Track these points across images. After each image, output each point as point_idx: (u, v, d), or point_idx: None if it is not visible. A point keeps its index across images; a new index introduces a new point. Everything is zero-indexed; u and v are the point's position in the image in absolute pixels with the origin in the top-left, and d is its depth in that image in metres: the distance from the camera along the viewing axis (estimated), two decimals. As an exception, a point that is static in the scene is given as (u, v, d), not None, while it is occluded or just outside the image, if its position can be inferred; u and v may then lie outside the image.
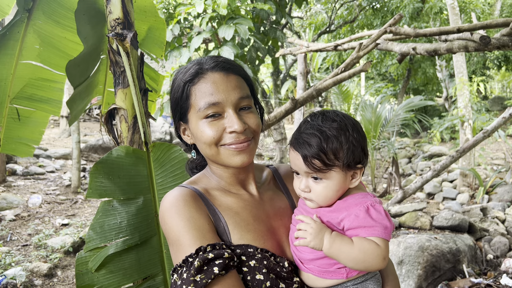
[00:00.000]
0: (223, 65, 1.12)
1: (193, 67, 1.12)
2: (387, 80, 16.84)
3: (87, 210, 6.65)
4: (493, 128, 4.59)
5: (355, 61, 3.96)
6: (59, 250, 4.87)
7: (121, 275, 1.77)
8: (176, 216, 1.05)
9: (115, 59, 1.84)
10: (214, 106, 1.07)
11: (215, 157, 1.12)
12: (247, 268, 1.02)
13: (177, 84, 1.14)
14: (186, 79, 1.11)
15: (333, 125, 1.05)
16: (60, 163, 9.50)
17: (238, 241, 1.07)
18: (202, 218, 1.06)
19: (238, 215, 1.11)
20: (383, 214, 1.04)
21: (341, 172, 1.06)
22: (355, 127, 1.08)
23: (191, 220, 1.04)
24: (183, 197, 1.09)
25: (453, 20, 7.53)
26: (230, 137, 1.08)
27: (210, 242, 1.01)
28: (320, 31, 12.10)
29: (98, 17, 2.43)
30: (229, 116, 1.08)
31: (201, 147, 1.14)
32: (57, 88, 2.89)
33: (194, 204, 1.08)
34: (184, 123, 1.17)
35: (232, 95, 1.09)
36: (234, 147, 1.09)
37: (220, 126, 1.08)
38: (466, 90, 7.64)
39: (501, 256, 4.42)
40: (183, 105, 1.12)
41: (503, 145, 10.64)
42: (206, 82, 1.09)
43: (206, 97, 1.07)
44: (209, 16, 6.12)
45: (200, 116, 1.09)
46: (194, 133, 1.12)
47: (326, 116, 1.08)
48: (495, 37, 2.88)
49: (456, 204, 6.69)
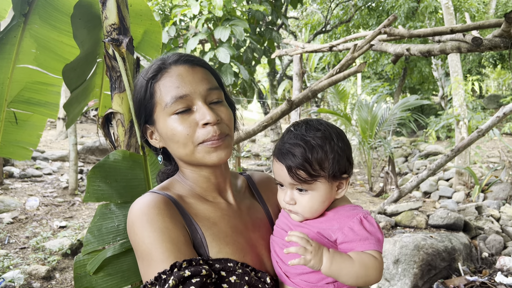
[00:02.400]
0: (187, 57, 1.05)
1: (155, 63, 1.06)
2: (383, 79, 16.89)
3: (85, 212, 6.66)
4: (488, 127, 4.64)
5: (350, 62, 3.99)
6: (57, 252, 4.89)
7: (119, 278, 1.79)
8: (148, 226, 0.93)
9: (111, 64, 1.86)
10: (182, 100, 0.99)
11: (190, 157, 1.02)
12: (227, 285, 0.94)
13: (139, 84, 1.06)
14: (148, 76, 1.03)
15: (317, 134, 1.01)
16: (57, 165, 9.50)
17: (217, 254, 0.98)
18: (177, 229, 0.95)
19: (216, 226, 1.02)
20: (375, 226, 1.02)
21: (327, 183, 1.02)
22: (340, 136, 1.04)
23: (165, 231, 0.93)
24: (156, 204, 0.97)
25: (448, 19, 7.57)
26: (204, 132, 0.99)
27: (186, 256, 0.92)
28: (316, 31, 12.14)
29: (94, 21, 2.45)
30: (199, 109, 1.00)
31: (173, 148, 1.04)
32: (54, 92, 2.91)
33: (169, 213, 0.97)
34: (150, 125, 1.08)
35: (200, 86, 1.01)
36: (210, 144, 1.00)
37: (191, 121, 1.00)
38: (461, 89, 7.69)
39: (496, 254, 4.46)
40: (147, 105, 1.04)
41: (499, 143, 10.71)
42: (171, 75, 1.01)
43: (172, 91, 0.99)
44: (205, 17, 6.15)
45: (167, 113, 1.00)
46: (163, 133, 1.03)
47: (310, 125, 1.04)
48: (487, 38, 2.91)
49: (452, 202, 6.74)
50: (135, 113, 1.10)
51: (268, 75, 10.55)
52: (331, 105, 15.54)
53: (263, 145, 15.02)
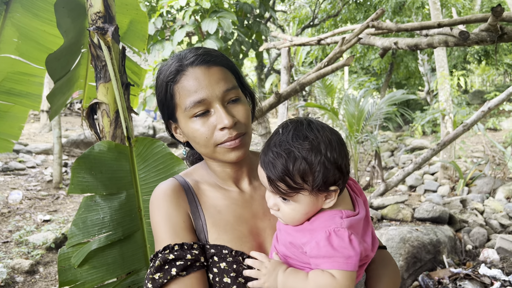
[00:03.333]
0: (204, 58, 1.06)
1: (174, 64, 1.07)
2: (370, 74, 16.98)
3: (69, 205, 6.57)
4: (473, 121, 4.69)
5: (338, 56, 3.98)
6: (41, 246, 4.81)
7: (104, 270, 1.77)
8: (156, 210, 1.08)
9: (96, 53, 1.82)
10: (200, 104, 1.03)
11: (210, 155, 1.09)
12: (217, 270, 1.02)
13: (160, 84, 1.10)
14: (168, 79, 1.06)
15: (304, 145, 0.93)
16: (41, 158, 9.35)
17: (215, 241, 1.06)
18: (178, 215, 1.06)
19: (220, 214, 1.10)
20: (346, 241, 0.93)
21: (310, 196, 0.96)
22: (331, 145, 0.95)
23: (167, 216, 1.06)
24: (165, 191, 1.10)
25: (434, 14, 7.62)
26: (222, 134, 1.03)
27: (182, 240, 1.02)
28: (303, 25, 12.13)
29: (78, 10, 2.39)
30: (217, 112, 1.03)
31: (195, 147, 1.11)
32: (37, 82, 2.84)
33: (175, 200, 1.08)
34: (173, 122, 1.13)
35: (217, 89, 1.03)
36: (228, 145, 1.04)
37: (210, 124, 1.04)
38: (447, 84, 7.76)
39: (480, 247, 4.53)
40: (169, 105, 1.09)
41: (483, 138, 10.86)
42: (188, 79, 1.04)
43: (191, 95, 1.03)
44: (192, 9, 6.08)
45: (188, 116, 1.05)
46: (186, 133, 1.09)
47: (298, 131, 0.96)
48: (474, 32, 2.93)
49: (437, 196, 6.81)
50: (159, 109, 1.15)
51: (256, 68, 10.52)
52: (318, 99, 15.57)
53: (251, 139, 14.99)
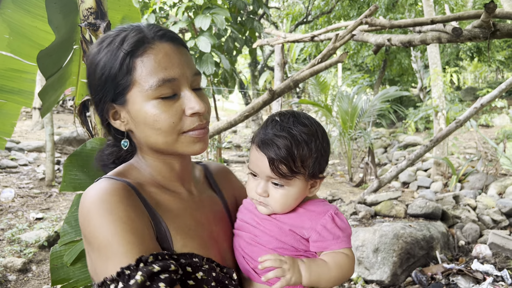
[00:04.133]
0: (172, 34, 0.93)
1: (132, 34, 0.89)
2: (363, 71, 17.02)
3: (62, 203, 6.53)
4: (465, 118, 4.72)
5: (331, 52, 3.98)
6: (34, 244, 4.78)
7: (97, 269, 1.76)
8: (107, 215, 0.83)
9: (88, 50, 1.80)
10: (169, 84, 0.88)
11: (169, 146, 0.93)
12: (194, 281, 0.88)
13: (110, 55, 0.89)
14: (126, 50, 0.88)
15: (304, 130, 0.97)
16: (33, 156, 9.28)
17: (182, 249, 0.91)
18: (140, 220, 0.86)
19: (179, 218, 0.95)
20: (345, 221, 1.01)
21: (304, 181, 0.99)
22: (325, 134, 1.02)
23: (127, 221, 0.83)
24: (117, 192, 0.87)
25: (428, 11, 7.65)
26: (191, 121, 0.91)
27: (151, 250, 0.83)
28: (297, 22, 12.13)
29: (70, 6, 2.37)
30: (187, 96, 0.91)
31: (148, 134, 0.92)
32: (29, 79, 2.82)
33: (131, 202, 0.87)
34: (117, 105, 0.93)
35: (187, 70, 0.91)
36: (196, 134, 0.92)
37: (177, 108, 0.90)
38: (440, 80, 7.80)
39: (472, 242, 4.56)
40: (120, 82, 0.89)
41: (475, 134, 10.94)
42: (156, 53, 0.88)
43: (159, 72, 0.88)
44: (185, 5, 6.05)
45: (149, 96, 0.88)
46: (139, 117, 0.91)
47: (297, 118, 1.00)
48: (467, 29, 2.94)
49: (430, 192, 6.86)
50: (95, 88, 0.93)
51: (249, 65, 10.51)
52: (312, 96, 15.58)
53: (245, 136, 15.00)
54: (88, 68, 0.95)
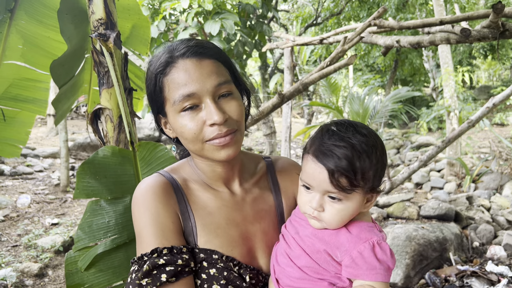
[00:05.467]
0: (195, 49, 1.00)
1: (164, 55, 1.01)
2: (374, 72, 16.92)
3: (77, 209, 6.63)
4: (478, 117, 4.66)
5: (340, 55, 3.98)
6: (50, 249, 4.86)
7: (110, 274, 1.79)
8: (142, 208, 1.00)
9: (98, 60, 1.85)
10: (189, 98, 0.97)
11: (199, 153, 1.03)
12: (206, 276, 0.97)
13: (149, 76, 1.04)
14: (157, 71, 1.00)
15: (363, 140, 0.92)
16: (48, 162, 9.42)
17: (204, 244, 1.00)
18: (167, 216, 0.99)
19: (211, 216, 1.04)
20: (388, 254, 0.93)
21: (362, 195, 0.94)
22: (383, 146, 0.97)
23: (155, 215, 0.98)
24: (154, 189, 1.02)
25: (438, 11, 7.59)
26: (211, 131, 0.98)
27: (170, 243, 0.96)
28: (307, 24, 12.11)
29: (81, 16, 2.42)
30: (207, 107, 0.97)
31: (183, 142, 1.05)
32: (42, 88, 2.89)
33: (163, 199, 1.01)
34: (163, 116, 1.07)
35: (208, 83, 0.97)
36: (217, 142, 0.98)
37: (199, 119, 0.98)
38: (451, 80, 7.73)
39: (487, 244, 4.51)
40: (158, 99, 1.03)
41: (489, 134, 10.79)
42: (178, 71, 0.98)
43: (180, 88, 0.97)
44: (195, 11, 6.10)
45: (176, 110, 0.99)
46: (174, 128, 1.03)
47: (356, 128, 0.94)
48: (476, 29, 2.92)
49: (444, 193, 6.79)
50: (148, 102, 1.09)
51: (259, 68, 10.52)
52: (323, 98, 15.53)
53: (256, 139, 15.02)
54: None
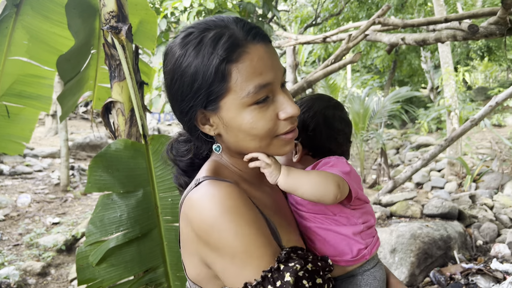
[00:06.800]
0: (261, 32, 0.86)
1: (224, 39, 0.82)
2: (373, 72, 16.95)
3: (78, 208, 6.59)
4: (480, 116, 4.68)
5: (345, 53, 3.98)
6: (52, 248, 4.83)
7: (122, 268, 1.77)
8: (240, 220, 0.81)
9: (110, 53, 1.83)
10: (265, 89, 0.84)
11: (262, 149, 0.91)
12: (307, 273, 0.83)
13: (201, 60, 0.83)
14: (221, 57, 0.81)
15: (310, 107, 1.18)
16: (48, 162, 9.38)
17: (287, 243, 0.89)
18: (262, 221, 0.86)
19: (276, 214, 0.95)
20: (343, 161, 1.04)
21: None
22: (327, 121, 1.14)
23: (255, 224, 0.83)
24: (237, 195, 0.84)
25: (438, 11, 7.61)
26: (284, 124, 0.88)
27: (277, 248, 0.83)
28: (306, 24, 12.11)
29: (88, 11, 2.40)
30: (280, 99, 0.87)
31: (242, 139, 0.89)
32: (47, 84, 2.86)
33: (248, 204, 0.85)
34: (209, 111, 0.88)
35: (279, 72, 0.87)
36: (289, 136, 0.90)
37: (272, 113, 0.87)
38: (452, 80, 7.74)
39: (490, 242, 4.51)
40: (214, 89, 0.84)
41: (487, 134, 10.83)
42: (252, 58, 0.83)
43: (255, 78, 0.83)
44: (196, 10, 6.09)
45: (245, 104, 0.84)
46: (233, 124, 0.87)
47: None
48: (483, 26, 2.92)
49: (445, 192, 6.79)
50: (183, 96, 0.88)
51: (259, 68, 10.51)
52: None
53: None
54: (172, 73, 0.88)
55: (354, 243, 1.00)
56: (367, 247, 1.01)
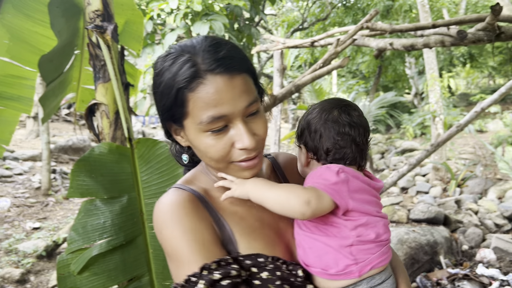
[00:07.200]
0: (226, 63, 0.86)
1: (186, 67, 0.86)
2: (358, 78, 17.08)
3: (59, 212, 6.44)
4: (466, 121, 4.70)
5: (333, 57, 3.97)
6: (32, 254, 4.69)
7: (105, 277, 1.70)
8: (175, 227, 0.91)
9: (95, 53, 1.76)
10: (219, 120, 0.87)
11: (221, 170, 0.97)
12: (260, 281, 0.89)
13: (165, 85, 0.89)
14: (180, 85, 0.86)
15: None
16: (28, 165, 9.16)
17: (246, 250, 0.93)
18: (205, 229, 0.92)
19: (244, 220, 0.98)
20: (333, 171, 0.95)
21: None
22: (326, 128, 1.09)
23: (193, 232, 0.90)
24: (181, 203, 0.94)
25: (424, 17, 7.68)
26: (239, 153, 0.91)
27: (215, 256, 0.88)
28: (293, 29, 12.15)
29: (72, 10, 2.33)
30: (237, 129, 0.89)
31: (204, 160, 0.98)
32: (28, 85, 2.76)
33: (195, 212, 0.93)
34: (177, 126, 0.96)
35: (239, 104, 0.87)
36: (245, 165, 0.93)
37: (227, 141, 0.90)
38: (437, 85, 7.82)
39: (475, 247, 4.53)
40: (175, 112, 0.91)
41: (469, 140, 10.99)
42: (207, 90, 0.85)
43: (209, 109, 0.86)
44: (183, 12, 6.03)
45: (201, 129, 0.89)
46: (193, 143, 0.95)
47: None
48: (471, 32, 2.93)
49: (429, 197, 6.84)
50: (157, 106, 0.96)
51: (245, 72, 10.48)
52: (308, 104, 15.56)
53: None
54: (153, 84, 0.95)
55: (342, 257, 0.94)
56: (358, 263, 0.94)
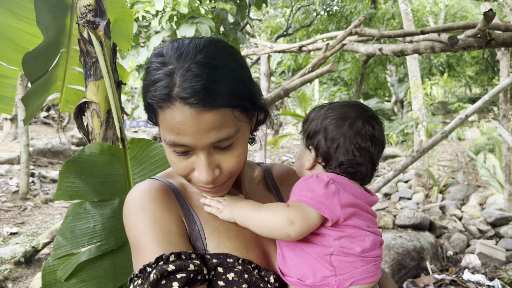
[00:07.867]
0: (201, 96, 0.78)
1: (162, 84, 0.80)
2: (339, 85, 17.23)
3: (38, 217, 6.24)
4: (451, 128, 4.77)
5: (322, 62, 3.96)
6: (9, 261, 4.51)
7: (94, 284, 1.62)
8: (139, 214, 0.88)
9: (86, 49, 1.69)
10: (180, 147, 0.84)
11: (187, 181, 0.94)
12: (224, 282, 0.85)
13: (147, 86, 0.85)
14: (152, 99, 0.82)
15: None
16: (5, 168, 8.89)
17: (215, 249, 0.90)
18: (170, 219, 0.89)
19: (218, 219, 0.94)
20: (322, 183, 0.89)
21: None
22: None
23: (156, 220, 0.87)
24: (151, 191, 0.92)
25: (407, 25, 7.79)
26: (197, 180, 0.88)
27: (176, 249, 0.84)
28: (277, 34, 12.19)
29: (59, 6, 2.25)
30: (198, 160, 0.85)
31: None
32: (10, 85, 2.66)
33: (163, 202, 0.91)
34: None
35: (203, 140, 0.81)
36: (204, 190, 0.92)
37: (188, 164, 0.86)
38: (420, 93, 7.92)
39: (460, 253, 4.57)
40: (150, 115, 0.88)
41: (448, 147, 11.18)
42: (173, 115, 0.80)
43: (172, 134, 0.82)
44: (169, 14, 5.95)
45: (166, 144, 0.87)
46: (164, 147, 0.90)
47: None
48: (461, 38, 2.95)
49: (412, 203, 6.90)
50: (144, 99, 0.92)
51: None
52: (291, 109, 15.62)
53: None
54: (144, 73, 0.91)
55: (320, 266, 0.88)
56: (337, 275, 0.88)
